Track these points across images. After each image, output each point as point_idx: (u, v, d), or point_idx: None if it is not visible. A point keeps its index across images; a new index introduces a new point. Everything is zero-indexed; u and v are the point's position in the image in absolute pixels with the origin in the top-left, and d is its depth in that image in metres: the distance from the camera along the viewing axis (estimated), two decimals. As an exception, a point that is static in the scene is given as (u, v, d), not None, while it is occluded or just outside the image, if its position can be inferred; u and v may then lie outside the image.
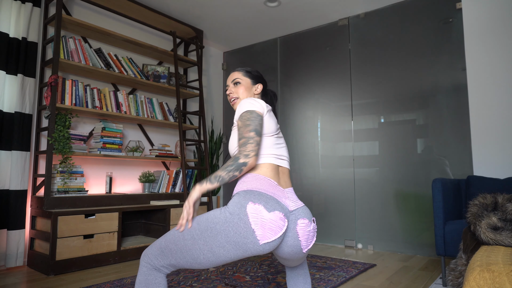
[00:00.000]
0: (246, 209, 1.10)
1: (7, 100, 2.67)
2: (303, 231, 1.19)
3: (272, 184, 1.22)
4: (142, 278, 1.20)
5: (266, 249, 1.11)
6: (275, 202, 1.15)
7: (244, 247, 1.10)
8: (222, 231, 1.11)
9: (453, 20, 3.13)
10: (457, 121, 3.04)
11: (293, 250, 1.19)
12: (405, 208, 3.25)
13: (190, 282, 2.25)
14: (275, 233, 1.11)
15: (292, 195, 1.28)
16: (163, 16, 3.63)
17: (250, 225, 1.09)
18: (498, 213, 1.66)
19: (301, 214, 1.22)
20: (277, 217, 1.11)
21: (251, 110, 1.26)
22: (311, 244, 1.24)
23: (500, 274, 1.05)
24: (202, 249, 1.13)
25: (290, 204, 1.22)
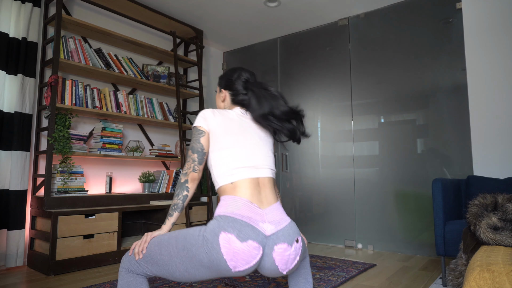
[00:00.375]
0: (218, 238, 1.09)
1: (7, 100, 2.67)
2: (281, 256, 1.15)
3: (249, 207, 1.18)
4: (122, 282, 1.21)
5: (239, 274, 1.13)
6: (249, 229, 1.12)
7: (217, 272, 1.12)
8: (197, 255, 1.11)
9: (453, 20, 3.13)
10: (457, 121, 3.04)
11: (272, 273, 1.19)
12: (405, 208, 3.25)
13: (190, 282, 2.25)
14: (247, 263, 1.11)
15: (273, 215, 1.21)
16: (163, 16, 3.63)
17: (223, 255, 1.09)
18: (498, 213, 1.66)
19: (280, 238, 1.16)
20: (250, 246, 1.10)
21: (194, 126, 1.33)
22: (291, 266, 1.19)
23: (500, 274, 1.05)
24: (178, 267, 1.14)
25: (268, 228, 1.16)
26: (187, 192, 1.26)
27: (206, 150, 1.30)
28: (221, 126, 1.29)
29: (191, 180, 1.27)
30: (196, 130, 1.30)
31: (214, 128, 1.29)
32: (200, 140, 1.29)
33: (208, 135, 1.30)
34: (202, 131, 1.29)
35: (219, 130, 1.29)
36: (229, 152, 1.26)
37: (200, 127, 1.30)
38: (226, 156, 1.26)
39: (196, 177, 1.27)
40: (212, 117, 1.30)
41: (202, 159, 1.29)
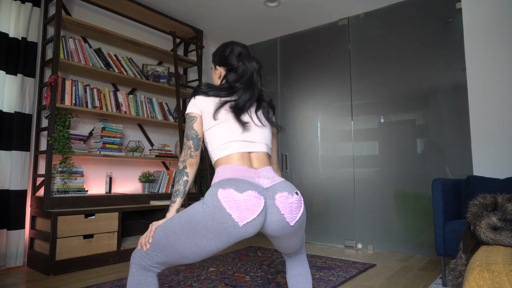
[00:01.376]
0: (217, 196, 1.10)
1: (7, 100, 2.67)
2: (284, 204, 1.16)
3: (242, 169, 1.21)
4: (132, 280, 1.20)
5: (249, 230, 1.10)
6: (246, 183, 1.14)
7: (226, 233, 1.09)
8: (201, 222, 1.10)
9: (453, 20, 3.13)
10: (457, 121, 3.04)
11: (280, 226, 1.16)
12: (405, 208, 3.25)
13: (190, 282, 2.25)
14: (253, 212, 1.09)
15: (267, 172, 1.24)
16: (163, 16, 3.63)
17: (225, 209, 1.08)
18: (498, 213, 1.66)
19: (279, 188, 1.18)
20: (250, 196, 1.10)
21: (186, 113, 1.34)
22: (297, 216, 1.19)
23: (500, 274, 1.05)
24: (185, 243, 1.13)
25: (264, 181, 1.19)
26: (187, 177, 1.27)
27: (200, 135, 1.31)
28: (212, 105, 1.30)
29: (189, 165, 1.28)
30: (188, 117, 1.31)
31: (206, 108, 1.29)
32: (194, 126, 1.30)
33: (200, 118, 1.31)
34: (194, 116, 1.30)
35: (211, 107, 1.29)
36: (222, 126, 1.27)
37: (192, 113, 1.31)
38: (219, 130, 1.28)
39: (194, 162, 1.28)
40: (203, 100, 1.31)
41: (197, 144, 1.30)
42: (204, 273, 2.45)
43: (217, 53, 1.46)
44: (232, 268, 2.59)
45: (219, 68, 1.44)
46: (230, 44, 1.44)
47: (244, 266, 2.67)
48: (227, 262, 2.81)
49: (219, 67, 1.44)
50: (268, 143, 1.35)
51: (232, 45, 1.43)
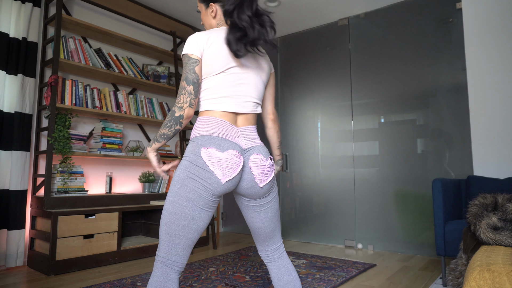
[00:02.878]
0: (200, 154, 1.15)
1: (7, 100, 2.67)
2: (256, 165, 1.22)
3: (224, 125, 1.21)
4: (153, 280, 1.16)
5: (230, 186, 1.17)
6: (227, 142, 1.18)
7: (211, 187, 1.15)
8: (188, 177, 1.15)
9: (453, 20, 3.13)
10: (457, 121, 3.04)
11: (249, 185, 1.22)
12: (405, 208, 3.25)
13: (190, 282, 2.25)
14: (234, 170, 1.16)
15: (248, 132, 1.26)
16: (163, 16, 3.63)
17: (208, 167, 1.14)
18: (498, 213, 1.66)
19: (255, 150, 1.24)
20: (231, 155, 1.16)
21: (184, 53, 1.20)
22: (267, 180, 1.25)
23: (500, 274, 1.05)
24: (181, 204, 1.15)
25: (244, 142, 1.23)
26: (180, 127, 1.21)
27: (201, 80, 1.21)
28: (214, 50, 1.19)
29: (187, 117, 1.19)
30: (188, 58, 1.18)
31: (207, 53, 1.19)
32: (195, 69, 1.18)
33: (201, 62, 1.19)
34: (195, 59, 1.18)
35: (212, 55, 1.19)
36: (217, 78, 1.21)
37: (193, 55, 1.18)
38: (213, 81, 1.22)
39: (191, 114, 1.21)
40: (205, 42, 1.19)
41: (197, 91, 1.19)
42: (204, 273, 2.45)
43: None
44: (232, 268, 2.59)
45: (213, 5, 1.29)
46: None
47: (244, 266, 2.67)
48: (227, 262, 2.81)
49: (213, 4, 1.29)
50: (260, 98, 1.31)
51: None
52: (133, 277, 2.38)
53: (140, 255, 2.98)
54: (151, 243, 3.08)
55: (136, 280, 2.32)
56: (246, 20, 1.18)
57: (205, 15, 1.34)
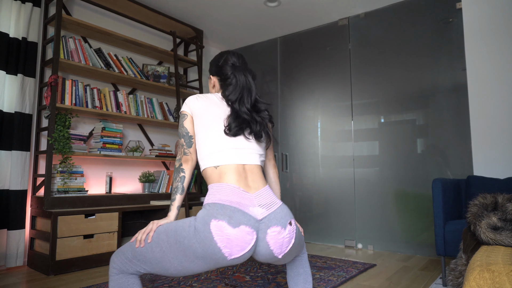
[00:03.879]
0: (210, 227, 1.08)
1: (7, 100, 2.67)
2: (274, 240, 1.14)
3: (237, 193, 1.17)
4: (114, 284, 1.18)
5: (236, 262, 1.13)
6: (240, 214, 1.11)
7: (213, 262, 1.11)
8: (190, 247, 1.09)
9: (453, 20, 3.13)
10: (457, 121, 3.04)
11: (267, 258, 1.17)
12: (405, 208, 3.25)
13: (190, 282, 2.25)
14: (242, 249, 1.10)
15: (262, 198, 1.20)
16: (163, 16, 3.63)
17: (216, 243, 1.07)
18: (498, 213, 1.66)
19: (272, 221, 1.15)
20: (243, 232, 1.09)
21: (180, 112, 1.36)
22: (287, 249, 1.18)
23: (500, 274, 1.05)
24: (172, 263, 1.12)
25: (258, 211, 1.15)
26: (183, 173, 1.28)
27: (192, 133, 1.32)
28: (202, 107, 1.32)
29: (185, 162, 1.30)
30: (180, 115, 1.35)
31: (196, 109, 1.32)
32: (184, 124, 1.32)
33: (191, 117, 1.33)
34: (185, 114, 1.34)
35: (200, 110, 1.31)
36: (210, 132, 1.28)
37: (183, 111, 1.35)
38: (207, 136, 1.28)
39: (189, 159, 1.30)
40: (194, 101, 1.34)
41: (190, 142, 1.32)
42: (204, 273, 2.45)
43: (213, 63, 1.47)
44: (232, 268, 2.59)
45: (212, 78, 1.46)
46: (225, 53, 1.44)
47: (244, 266, 2.67)
48: (227, 262, 2.80)
49: (212, 76, 1.46)
50: (261, 152, 1.33)
51: (226, 54, 1.43)
52: (133, 277, 2.38)
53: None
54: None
55: (136, 280, 2.32)
56: (246, 113, 1.30)
57: (209, 83, 1.51)
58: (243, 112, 1.30)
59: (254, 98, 1.35)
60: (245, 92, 1.34)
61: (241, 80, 1.35)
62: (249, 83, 1.35)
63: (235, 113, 1.30)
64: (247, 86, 1.35)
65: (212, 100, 1.35)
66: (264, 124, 1.34)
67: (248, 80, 1.36)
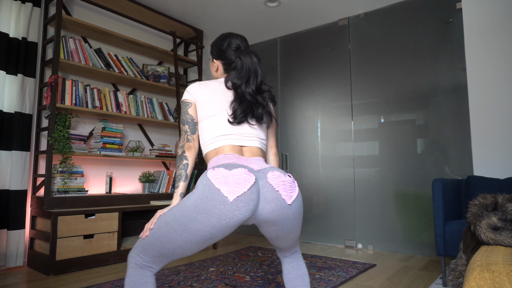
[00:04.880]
0: (207, 175, 1.09)
1: (7, 100, 2.67)
2: (277, 181, 1.13)
3: (232, 157, 1.23)
4: (129, 280, 1.19)
5: (240, 206, 1.04)
6: (236, 165, 1.14)
7: (216, 212, 1.04)
8: (191, 205, 1.08)
9: (453, 20, 3.13)
10: (457, 121, 3.04)
11: (277, 205, 1.11)
12: (405, 208, 3.25)
13: (190, 282, 2.25)
14: (243, 186, 1.05)
15: (258, 162, 1.25)
16: (163, 16, 3.63)
17: (214, 185, 1.05)
18: (498, 213, 1.66)
19: (269, 169, 1.18)
20: (240, 171, 1.08)
21: (182, 100, 1.35)
22: (294, 195, 1.15)
23: (500, 274, 1.05)
24: (177, 230, 1.10)
25: (254, 166, 1.21)
26: (187, 161, 1.27)
27: (196, 120, 1.33)
28: (205, 95, 1.31)
29: (187, 149, 1.29)
30: (183, 103, 1.34)
31: (199, 97, 1.31)
32: (188, 111, 1.32)
33: (194, 105, 1.33)
34: (188, 102, 1.32)
35: (204, 99, 1.31)
36: (213, 120, 1.29)
37: (186, 99, 1.33)
38: (210, 123, 1.30)
39: (191, 146, 1.30)
40: (197, 89, 1.33)
41: (194, 128, 1.31)
42: (204, 273, 2.46)
43: (215, 46, 1.44)
44: (232, 268, 2.59)
45: (216, 62, 1.44)
46: (228, 36, 1.41)
47: (244, 266, 2.67)
48: (227, 262, 2.81)
49: (216, 60, 1.44)
50: (262, 138, 1.36)
51: (230, 37, 1.40)
52: (133, 277, 2.38)
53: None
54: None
55: (136, 280, 2.32)
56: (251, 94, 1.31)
57: (211, 65, 1.49)
58: (248, 93, 1.30)
59: (260, 80, 1.35)
60: (252, 74, 1.33)
61: (247, 63, 1.33)
62: (255, 65, 1.34)
63: (239, 98, 1.30)
64: (254, 68, 1.34)
65: (215, 88, 1.34)
66: (266, 105, 1.35)
67: (254, 62, 1.35)
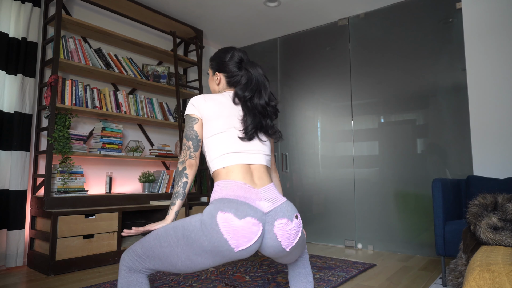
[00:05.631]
0: (216, 219, 1.09)
1: (7, 100, 2.67)
2: (282, 232, 1.15)
3: (243, 188, 1.19)
4: (122, 281, 1.19)
5: (244, 254, 1.12)
6: (246, 207, 1.12)
7: (220, 255, 1.11)
8: (197, 240, 1.10)
9: (453, 20, 3.13)
10: (457, 121, 3.04)
11: (275, 251, 1.17)
12: (405, 208, 3.25)
13: (190, 282, 2.25)
14: (249, 240, 1.10)
15: (268, 193, 1.23)
16: (163, 16, 3.63)
17: (223, 235, 1.08)
18: (498, 213, 1.66)
19: (279, 214, 1.17)
20: (249, 223, 1.10)
21: (186, 114, 1.32)
22: (294, 242, 1.19)
23: (500, 274, 1.05)
24: (179, 257, 1.13)
25: (265, 205, 1.17)
26: (187, 179, 1.26)
27: (200, 137, 1.30)
28: (212, 111, 1.29)
29: (189, 166, 1.27)
30: (188, 118, 1.30)
31: (206, 114, 1.29)
32: (194, 127, 1.29)
33: (201, 121, 1.30)
34: (195, 118, 1.29)
35: (211, 115, 1.28)
36: (221, 136, 1.27)
37: (193, 115, 1.30)
38: (217, 140, 1.27)
39: (193, 164, 1.28)
40: (203, 103, 1.30)
41: (197, 145, 1.29)
42: (204, 273, 2.45)
43: (215, 59, 1.44)
44: (232, 268, 2.59)
45: (218, 74, 1.42)
46: (230, 50, 1.42)
47: (244, 266, 2.67)
48: (227, 262, 2.80)
49: (218, 73, 1.42)
50: (267, 153, 1.34)
51: (232, 51, 1.41)
52: (133, 277, 2.38)
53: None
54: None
55: (136, 280, 2.32)
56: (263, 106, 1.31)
57: (211, 80, 1.47)
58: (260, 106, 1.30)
59: (269, 92, 1.34)
60: (261, 86, 1.33)
61: (255, 75, 1.33)
62: (262, 78, 1.34)
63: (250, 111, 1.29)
64: (262, 80, 1.33)
65: (221, 102, 1.32)
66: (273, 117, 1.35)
67: (261, 74, 1.34)
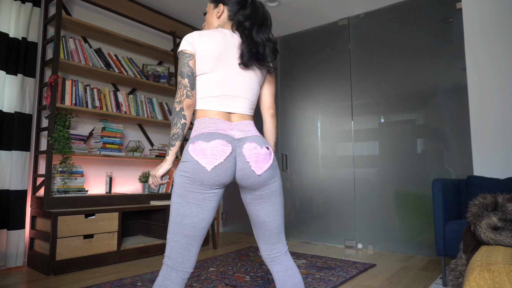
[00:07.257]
0: (188, 150, 1.18)
1: (7, 100, 2.67)
2: (250, 153, 1.20)
3: (217, 121, 1.23)
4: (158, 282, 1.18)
5: (220, 174, 1.16)
6: (216, 135, 1.18)
7: (197, 177, 1.15)
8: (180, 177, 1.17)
9: (453, 20, 3.13)
10: (457, 121, 3.04)
11: (246, 174, 1.21)
12: (405, 208, 3.25)
13: (190, 282, 2.25)
14: (219, 157, 1.16)
15: (243, 125, 1.25)
16: (163, 16, 3.63)
17: (193, 158, 1.16)
18: (498, 213, 1.66)
19: (249, 139, 1.22)
20: (217, 143, 1.16)
21: (180, 50, 1.27)
22: (265, 167, 1.22)
23: (500, 274, 1.05)
24: (176, 202, 1.18)
25: (236, 133, 1.22)
26: (185, 120, 1.22)
27: (195, 74, 1.26)
28: (205, 48, 1.25)
29: (187, 107, 1.23)
30: (182, 54, 1.25)
31: (199, 49, 1.25)
32: (189, 63, 1.24)
33: (194, 57, 1.25)
34: (189, 54, 1.24)
35: (204, 52, 1.25)
36: (209, 77, 1.25)
37: (187, 51, 1.25)
38: (204, 80, 1.26)
39: (191, 104, 1.24)
40: (197, 39, 1.25)
41: (193, 83, 1.25)
42: (204, 273, 2.45)
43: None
44: (232, 268, 2.59)
45: (221, 6, 1.36)
46: None
47: (244, 266, 2.67)
48: (227, 262, 2.81)
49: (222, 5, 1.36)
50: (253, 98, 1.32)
51: None
52: (133, 277, 2.38)
53: (140, 255, 2.97)
54: (151, 243, 3.08)
55: (136, 280, 2.32)
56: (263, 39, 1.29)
57: (211, 14, 1.41)
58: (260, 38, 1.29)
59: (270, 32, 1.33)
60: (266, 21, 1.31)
61: (262, 9, 1.31)
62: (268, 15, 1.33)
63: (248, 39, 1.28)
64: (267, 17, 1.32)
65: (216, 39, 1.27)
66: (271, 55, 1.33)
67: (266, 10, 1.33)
